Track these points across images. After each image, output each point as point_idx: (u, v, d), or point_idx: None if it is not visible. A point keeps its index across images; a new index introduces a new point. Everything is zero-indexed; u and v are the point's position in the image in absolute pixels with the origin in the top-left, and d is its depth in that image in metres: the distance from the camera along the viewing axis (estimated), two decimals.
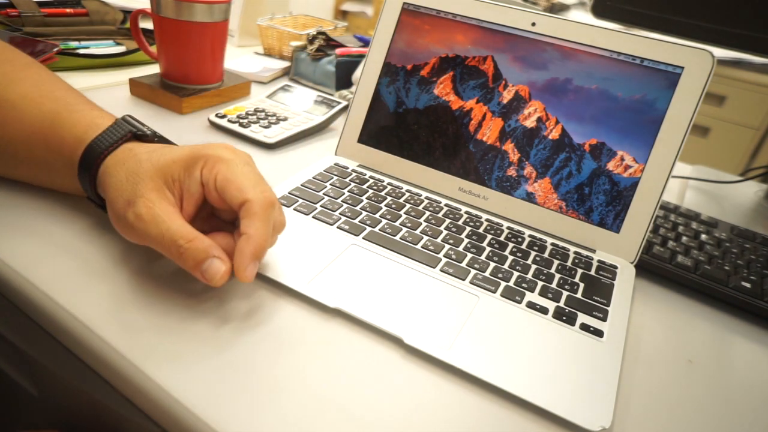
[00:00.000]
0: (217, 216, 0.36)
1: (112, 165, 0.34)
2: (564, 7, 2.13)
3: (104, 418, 0.34)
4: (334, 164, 0.50)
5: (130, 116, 0.37)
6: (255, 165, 0.35)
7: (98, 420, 0.35)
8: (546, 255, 0.42)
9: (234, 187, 0.32)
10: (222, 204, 0.33)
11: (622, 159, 0.43)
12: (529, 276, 0.39)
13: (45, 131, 0.36)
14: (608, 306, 0.38)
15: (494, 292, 0.37)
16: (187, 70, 0.61)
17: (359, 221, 0.42)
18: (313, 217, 0.42)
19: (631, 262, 0.43)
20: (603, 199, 0.44)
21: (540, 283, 0.39)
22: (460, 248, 0.41)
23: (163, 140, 0.38)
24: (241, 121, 0.57)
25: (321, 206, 0.43)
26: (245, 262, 0.30)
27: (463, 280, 0.38)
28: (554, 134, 0.45)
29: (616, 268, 0.42)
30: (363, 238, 0.40)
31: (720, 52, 0.48)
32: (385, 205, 0.45)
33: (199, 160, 0.33)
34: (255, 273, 0.31)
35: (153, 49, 0.63)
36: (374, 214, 0.44)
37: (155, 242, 0.31)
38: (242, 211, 0.31)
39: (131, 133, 0.36)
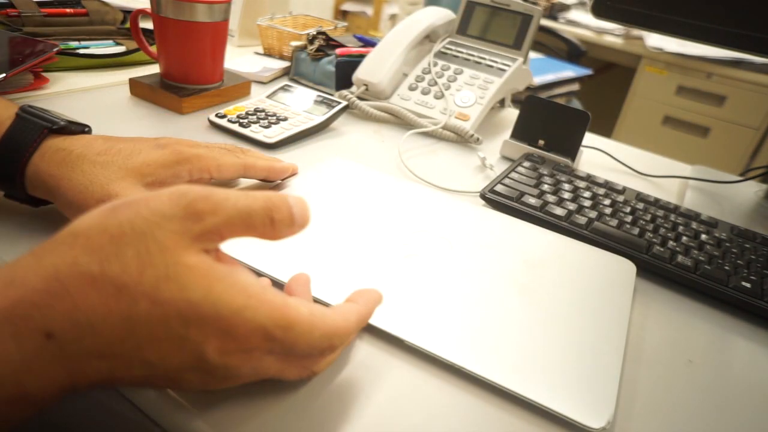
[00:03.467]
0: None
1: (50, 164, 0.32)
2: (564, 7, 2.13)
3: (104, 417, 0.34)
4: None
5: (29, 106, 0.34)
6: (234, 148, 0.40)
7: (97, 420, 0.35)
8: None
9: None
10: None
11: None
12: None
13: None
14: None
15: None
16: (187, 70, 0.61)
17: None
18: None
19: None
20: None
21: None
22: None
23: (80, 127, 0.36)
24: (241, 121, 0.57)
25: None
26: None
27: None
28: None
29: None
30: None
31: (720, 52, 0.48)
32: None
33: (182, 162, 0.35)
34: None
35: (153, 49, 0.63)
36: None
37: None
38: None
39: (47, 129, 0.33)
